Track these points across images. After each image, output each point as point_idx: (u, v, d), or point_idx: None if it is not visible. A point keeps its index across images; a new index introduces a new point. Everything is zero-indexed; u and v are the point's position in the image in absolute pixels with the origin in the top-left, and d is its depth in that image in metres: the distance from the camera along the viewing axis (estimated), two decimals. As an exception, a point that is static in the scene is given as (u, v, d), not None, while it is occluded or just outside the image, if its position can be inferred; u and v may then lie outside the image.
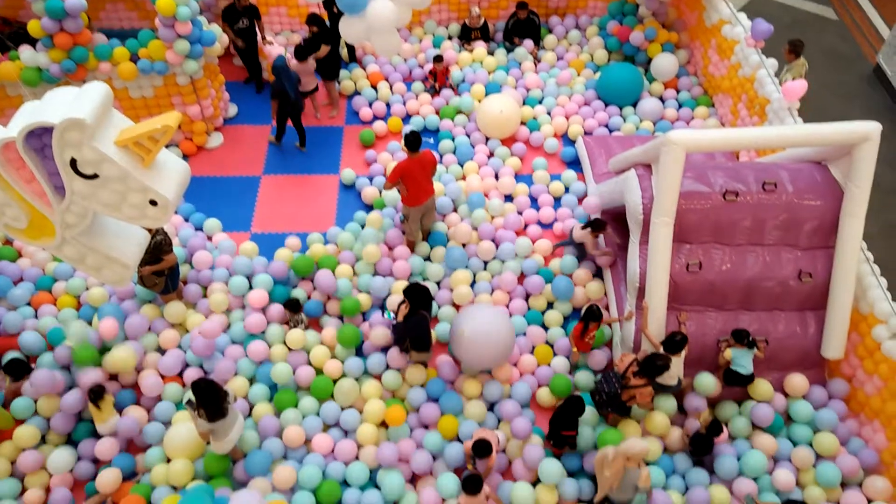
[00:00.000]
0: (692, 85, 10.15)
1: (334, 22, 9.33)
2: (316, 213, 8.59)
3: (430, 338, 6.75)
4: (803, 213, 6.61)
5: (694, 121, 9.63)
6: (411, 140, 7.20)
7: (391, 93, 10.03)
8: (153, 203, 4.91)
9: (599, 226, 7.39)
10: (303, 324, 7.27)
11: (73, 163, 4.69)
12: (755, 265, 6.59)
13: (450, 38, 10.93)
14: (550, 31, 11.01)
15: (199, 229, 8.30)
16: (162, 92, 8.64)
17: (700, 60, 10.16)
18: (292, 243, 7.97)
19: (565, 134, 9.62)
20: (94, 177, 4.76)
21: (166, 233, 6.79)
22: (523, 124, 9.60)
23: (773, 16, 11.05)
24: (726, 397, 6.72)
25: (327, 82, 9.60)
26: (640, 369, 5.99)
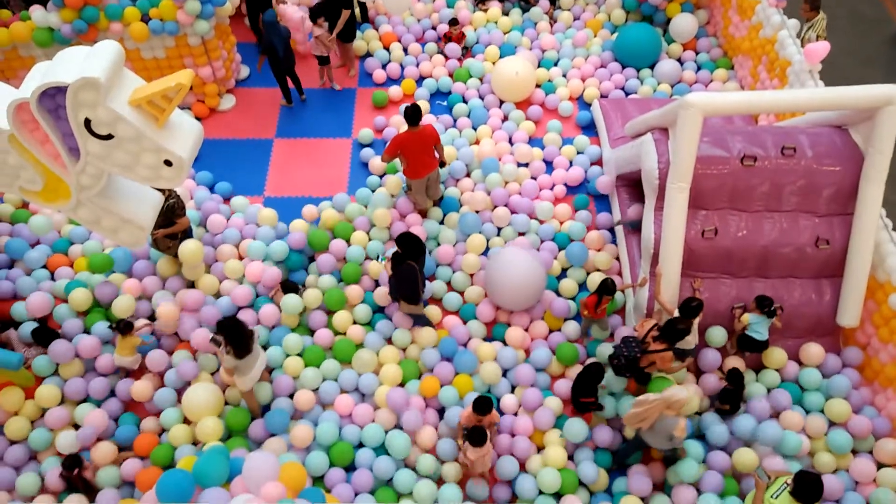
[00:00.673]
0: (711, 46, 9.94)
1: None
2: (329, 176, 8.55)
3: (419, 289, 6.69)
4: (822, 178, 6.51)
5: (713, 83, 9.45)
6: (410, 114, 7.12)
7: (404, 54, 9.89)
8: (167, 163, 4.90)
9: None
10: (293, 289, 7.11)
11: (87, 123, 4.67)
12: (772, 232, 6.52)
13: (463, -3, 10.72)
14: (567, -10, 10.76)
15: (212, 191, 8.31)
16: (173, 53, 8.58)
17: (720, 21, 9.92)
18: (309, 213, 7.85)
19: (581, 97, 9.48)
20: (109, 137, 4.74)
21: (179, 196, 6.80)
22: (538, 87, 9.46)
23: (796, -26, 10.74)
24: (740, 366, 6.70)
25: (344, 44, 9.47)
26: (661, 334, 5.98)
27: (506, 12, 10.47)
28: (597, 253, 7.60)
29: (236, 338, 5.77)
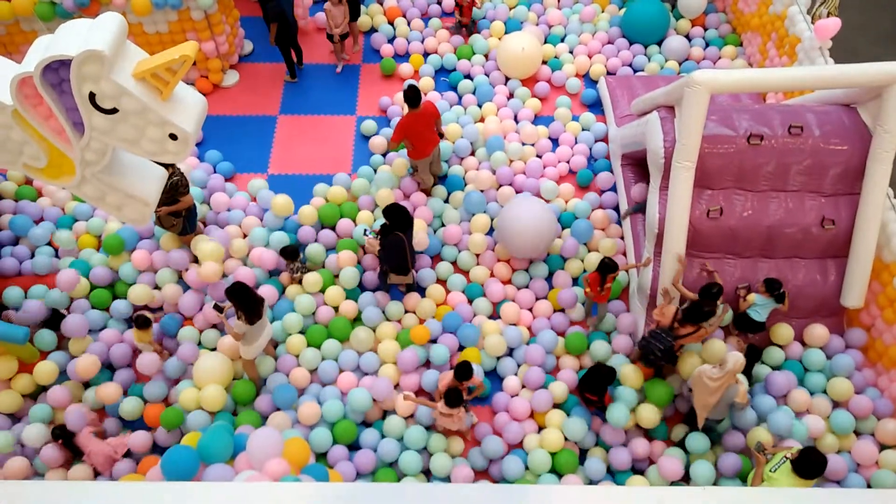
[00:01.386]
0: (720, 22, 9.80)
1: None
2: (333, 154, 8.52)
3: (407, 259, 6.70)
4: (829, 157, 6.44)
5: (721, 60, 9.34)
6: (411, 95, 7.07)
7: (409, 29, 9.79)
8: (173, 137, 4.86)
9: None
10: (301, 271, 7.14)
11: (91, 97, 4.63)
12: (777, 212, 6.48)
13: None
14: (574, -35, 10.61)
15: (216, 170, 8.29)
16: (176, 27, 8.50)
17: (729, -4, 9.78)
18: (318, 202, 7.73)
19: (587, 74, 9.38)
20: (114, 111, 4.70)
21: (183, 173, 6.78)
22: (544, 63, 9.36)
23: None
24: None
25: (350, 22, 9.33)
26: (686, 317, 5.99)
27: (512, -13, 10.32)
28: (603, 237, 7.56)
29: (247, 302, 5.84)
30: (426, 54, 9.58)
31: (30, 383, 6.48)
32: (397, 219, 6.45)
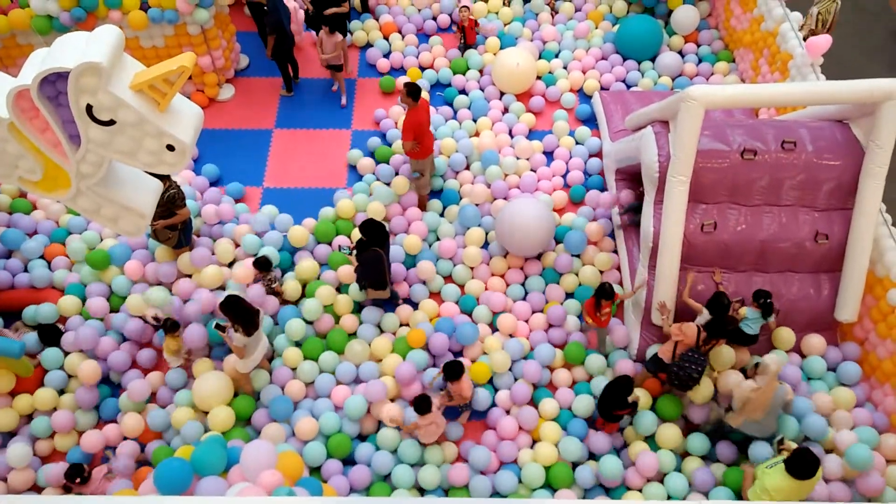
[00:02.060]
0: (713, 39, 9.90)
1: None
2: (328, 167, 8.54)
3: (385, 274, 6.72)
4: (822, 172, 6.49)
5: (714, 76, 9.42)
6: (413, 90, 7.11)
7: (404, 45, 9.85)
8: (170, 148, 4.87)
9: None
10: (277, 282, 7.10)
11: (89, 109, 4.64)
12: (771, 226, 6.51)
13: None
14: (569, -18, 10.72)
15: (213, 184, 8.30)
16: (173, 42, 8.53)
17: (722, 13, 9.88)
18: (309, 222, 7.72)
19: (581, 89, 9.45)
20: (111, 123, 4.71)
21: (179, 186, 6.78)
22: (539, 78, 9.43)
23: (798, -33, 10.69)
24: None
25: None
26: (712, 333, 5.99)
27: (507, 3, 10.41)
28: (598, 252, 7.58)
29: (242, 314, 5.82)
30: (422, 69, 9.64)
31: (27, 405, 6.42)
32: (374, 234, 6.46)
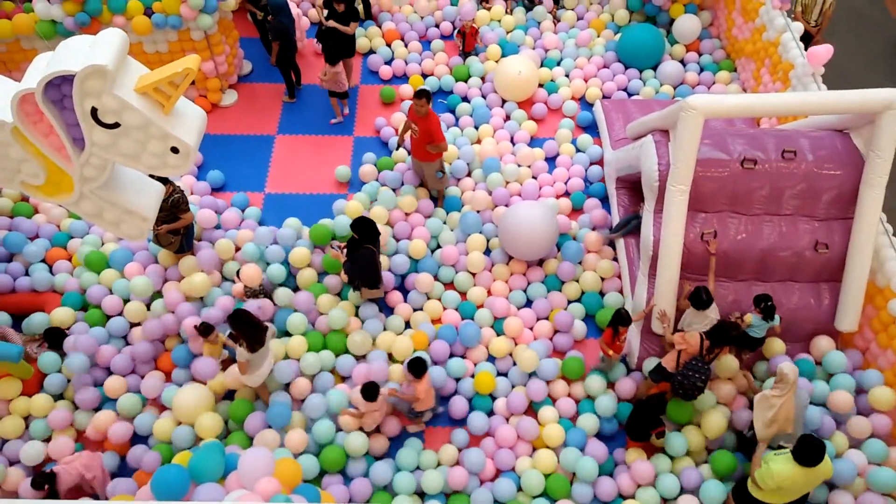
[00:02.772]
0: (714, 48, 9.93)
1: None
2: (330, 174, 8.55)
3: (379, 273, 6.75)
4: (822, 182, 6.50)
5: (715, 85, 9.44)
6: (427, 94, 7.14)
7: (407, 51, 9.88)
8: (174, 150, 4.88)
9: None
10: (262, 294, 7.06)
11: (93, 112, 4.65)
12: (771, 235, 6.52)
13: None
14: (571, -10, 10.76)
15: (216, 190, 8.34)
16: (176, 47, 8.57)
17: (723, 23, 9.91)
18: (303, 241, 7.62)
19: (583, 97, 9.47)
20: (116, 126, 4.72)
21: (182, 191, 6.79)
22: (541, 86, 9.45)
23: (801, -23, 10.71)
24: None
25: (346, 60, 9.13)
26: (715, 342, 5.97)
27: (509, 11, 10.45)
28: (599, 260, 7.57)
29: (249, 330, 5.77)
30: (424, 76, 9.67)
31: (24, 408, 6.41)
32: (366, 232, 6.47)
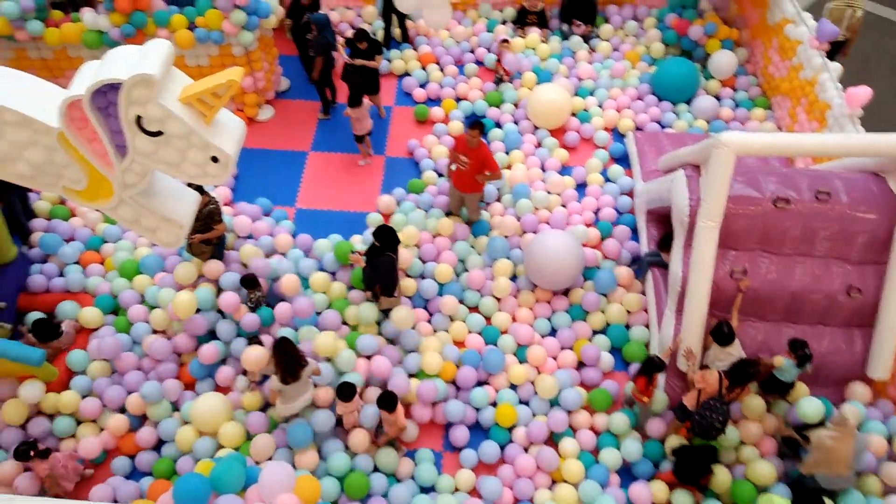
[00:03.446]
0: (750, 85, 9.91)
1: (390, 1, 9.33)
2: (360, 192, 8.63)
3: (397, 281, 6.83)
4: (857, 225, 6.42)
5: (750, 122, 9.40)
6: (482, 125, 7.22)
7: (443, 75, 9.99)
8: (214, 160, 4.96)
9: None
10: (261, 301, 7.01)
11: (138, 120, 4.76)
12: (803, 277, 6.44)
13: (503, 22, 10.81)
14: (607, 21, 10.83)
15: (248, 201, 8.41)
16: (216, 62, 8.75)
17: (760, 60, 9.90)
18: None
19: (616, 128, 9.48)
20: (159, 134, 4.82)
21: (218, 202, 6.91)
22: (573, 115, 9.48)
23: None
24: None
25: (372, 96, 9.21)
26: (734, 380, 5.91)
27: (545, 40, 10.53)
28: (626, 293, 7.50)
29: (285, 361, 5.80)
30: (457, 100, 9.75)
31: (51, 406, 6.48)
32: (387, 240, 6.58)
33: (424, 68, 10.10)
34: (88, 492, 6.04)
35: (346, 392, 6.08)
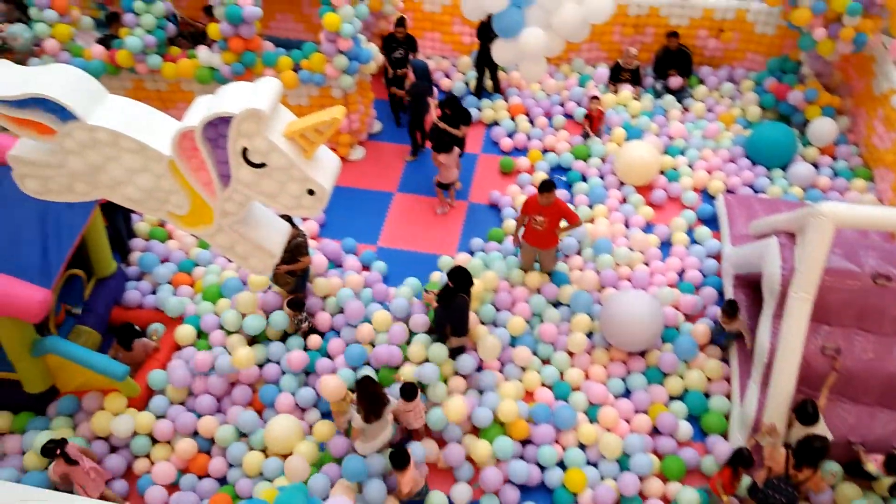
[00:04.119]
0: (851, 154, 9.54)
1: (485, 52, 9.59)
2: (441, 235, 8.75)
3: (468, 321, 6.88)
4: (962, 309, 6.04)
5: (849, 193, 9.03)
6: (552, 184, 7.26)
7: (531, 126, 10.08)
8: (310, 192, 5.16)
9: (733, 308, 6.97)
10: (306, 322, 7.22)
11: (244, 152, 5.02)
12: (902, 360, 6.07)
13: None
14: (702, 82, 10.73)
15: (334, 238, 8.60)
16: (316, 102, 9.14)
17: (863, 129, 9.54)
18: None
19: (705, 189, 9.28)
20: (262, 165, 5.06)
21: (306, 235, 7.15)
22: (662, 174, 9.37)
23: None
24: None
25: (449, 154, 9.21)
26: (800, 459, 5.61)
27: (637, 97, 10.50)
28: (707, 359, 7.21)
29: (368, 399, 5.89)
30: (544, 151, 9.80)
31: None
32: (462, 281, 6.68)
33: (513, 118, 10.23)
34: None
35: (409, 392, 6.17)
